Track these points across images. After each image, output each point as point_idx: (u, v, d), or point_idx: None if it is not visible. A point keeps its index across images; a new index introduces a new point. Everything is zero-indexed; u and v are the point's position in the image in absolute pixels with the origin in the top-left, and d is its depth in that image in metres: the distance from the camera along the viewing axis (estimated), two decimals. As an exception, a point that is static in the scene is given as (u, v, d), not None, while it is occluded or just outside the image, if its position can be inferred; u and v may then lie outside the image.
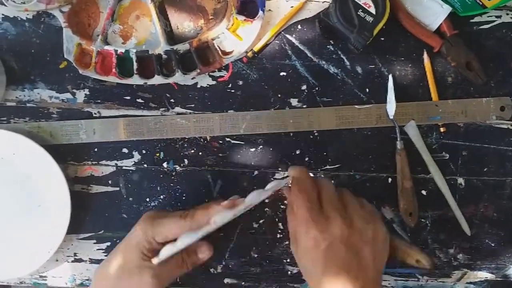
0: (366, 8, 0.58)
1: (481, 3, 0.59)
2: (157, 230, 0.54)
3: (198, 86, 0.64)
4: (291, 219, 0.52)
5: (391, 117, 0.62)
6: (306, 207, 0.49)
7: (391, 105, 0.62)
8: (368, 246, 0.49)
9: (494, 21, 0.63)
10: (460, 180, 0.65)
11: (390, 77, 0.63)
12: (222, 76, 0.64)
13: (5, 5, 0.59)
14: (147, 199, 0.65)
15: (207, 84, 0.64)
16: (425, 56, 0.63)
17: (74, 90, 0.64)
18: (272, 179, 0.64)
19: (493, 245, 0.65)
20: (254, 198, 0.51)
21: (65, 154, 0.64)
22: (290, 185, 0.53)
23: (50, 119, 0.64)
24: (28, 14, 0.62)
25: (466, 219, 0.64)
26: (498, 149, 0.65)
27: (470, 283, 0.66)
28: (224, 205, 0.53)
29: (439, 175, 0.64)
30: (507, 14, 0.63)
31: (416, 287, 0.66)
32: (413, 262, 0.56)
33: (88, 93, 0.64)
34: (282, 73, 0.64)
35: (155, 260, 0.53)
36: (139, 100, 0.64)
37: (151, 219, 0.55)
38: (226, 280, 0.66)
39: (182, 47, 0.62)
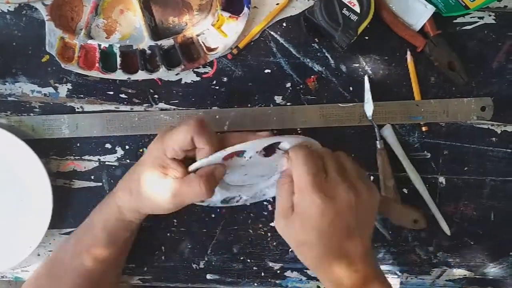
0: (351, 6, 0.58)
1: (464, 4, 0.59)
2: (166, 144, 0.51)
3: (182, 82, 0.64)
4: (286, 189, 0.50)
5: (369, 118, 0.63)
6: (312, 174, 0.47)
7: (368, 106, 0.63)
8: (370, 210, 0.51)
9: (477, 22, 0.64)
10: (441, 179, 0.66)
11: (366, 78, 0.63)
12: (207, 73, 0.64)
13: (-14, -3, 0.59)
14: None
15: (191, 80, 0.64)
16: (408, 55, 0.63)
17: (57, 84, 0.63)
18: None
19: (472, 243, 0.67)
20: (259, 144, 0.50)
21: (47, 149, 0.64)
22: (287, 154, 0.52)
23: (32, 113, 0.63)
24: (9, 6, 0.62)
25: (446, 218, 0.65)
26: (479, 148, 0.65)
27: (449, 280, 0.67)
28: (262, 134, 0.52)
29: (417, 177, 0.64)
30: (490, 15, 0.64)
31: (397, 284, 0.67)
32: (409, 223, 0.61)
33: (70, 87, 0.63)
34: (266, 70, 0.64)
35: (190, 168, 0.51)
36: (123, 96, 0.64)
37: (162, 135, 0.53)
38: (209, 276, 0.66)
39: (166, 42, 0.62)
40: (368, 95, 0.63)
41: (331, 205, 0.47)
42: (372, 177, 0.65)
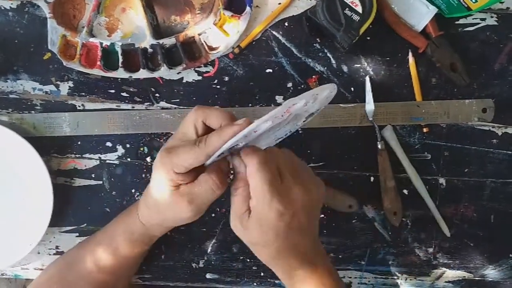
0: (353, 7, 0.58)
1: (466, 5, 0.59)
2: (174, 162, 0.50)
3: (184, 81, 0.64)
4: (241, 193, 0.50)
5: (370, 119, 0.63)
6: (268, 179, 0.47)
7: (369, 107, 0.63)
8: (318, 206, 0.53)
9: (479, 23, 0.64)
10: (442, 180, 0.66)
11: (367, 78, 0.63)
12: (208, 72, 0.64)
13: (-12, -6, 0.59)
14: (131, 193, 0.65)
15: (193, 79, 0.64)
16: (410, 56, 0.63)
17: (58, 82, 0.63)
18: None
19: (472, 245, 0.67)
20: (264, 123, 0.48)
21: (48, 147, 0.64)
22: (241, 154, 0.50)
23: (33, 111, 0.63)
24: (12, 4, 0.62)
25: (446, 219, 0.65)
26: (479, 150, 0.65)
27: (448, 282, 0.67)
28: (239, 123, 0.49)
29: (418, 178, 0.65)
30: (492, 17, 0.64)
31: (395, 285, 0.67)
32: (345, 208, 0.64)
33: (72, 85, 0.63)
34: (268, 70, 0.64)
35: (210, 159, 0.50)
36: (124, 94, 0.64)
37: (167, 152, 0.51)
38: (208, 275, 0.66)
39: (168, 41, 0.62)
40: (369, 96, 0.63)
41: (288, 208, 0.48)
42: (372, 178, 0.65)
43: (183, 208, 0.51)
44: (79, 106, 0.64)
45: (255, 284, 0.66)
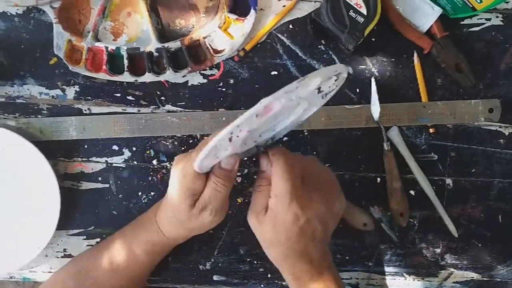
0: (358, 8, 0.58)
1: (471, 6, 0.59)
2: (189, 165, 0.50)
3: (189, 84, 0.64)
4: (263, 191, 0.51)
5: (376, 119, 0.63)
6: (291, 182, 0.48)
7: (375, 108, 0.63)
8: (335, 219, 0.53)
9: (484, 23, 0.64)
10: (448, 181, 0.65)
11: (373, 80, 0.63)
12: (213, 75, 0.64)
13: (-6, 0, 0.59)
14: (137, 196, 0.65)
15: (198, 82, 0.64)
16: (415, 57, 0.63)
17: (64, 87, 0.63)
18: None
19: (479, 245, 0.66)
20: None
21: (55, 151, 0.64)
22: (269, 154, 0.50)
23: (40, 115, 0.64)
24: (18, 9, 0.62)
25: (453, 219, 0.65)
26: (486, 150, 0.65)
27: (457, 282, 0.67)
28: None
29: (424, 179, 0.64)
30: (497, 17, 0.63)
31: (403, 286, 0.67)
32: (360, 226, 0.64)
33: (78, 89, 0.63)
34: (273, 72, 0.64)
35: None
36: (130, 98, 0.64)
37: (182, 160, 0.51)
38: (215, 277, 0.66)
39: (173, 45, 0.62)
40: (375, 97, 0.63)
41: (304, 213, 0.49)
42: (379, 179, 0.65)
43: (206, 218, 0.52)
44: (85, 110, 0.64)
45: (262, 286, 0.66)
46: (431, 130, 0.64)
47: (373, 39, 0.63)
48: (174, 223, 0.55)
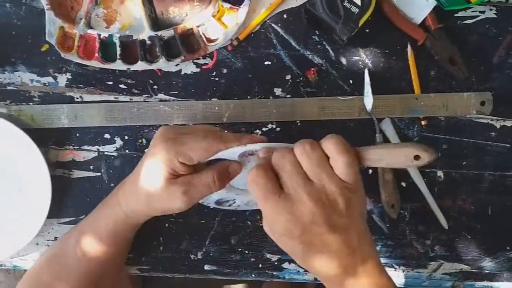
0: (352, -1, 0.58)
1: (465, -2, 0.59)
2: (180, 150, 0.50)
3: (182, 73, 0.64)
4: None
5: (369, 111, 0.63)
6: (263, 195, 0.45)
7: (368, 99, 0.63)
8: (342, 217, 0.45)
9: (478, 16, 0.64)
10: (440, 173, 0.66)
11: (366, 71, 0.63)
12: (207, 64, 0.64)
13: (-15, -15, 0.58)
14: (129, 185, 0.65)
15: (191, 71, 0.64)
16: (409, 49, 0.63)
17: (56, 74, 0.63)
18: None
19: (469, 237, 0.67)
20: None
21: (46, 139, 0.64)
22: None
23: (31, 103, 0.63)
24: (9, -5, 0.61)
25: (444, 211, 0.66)
26: (478, 143, 0.65)
27: (446, 274, 0.68)
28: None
29: (416, 171, 0.65)
30: (491, 9, 0.63)
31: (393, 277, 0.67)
32: (409, 162, 0.46)
33: (70, 77, 0.63)
34: (266, 62, 0.64)
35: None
36: (122, 86, 0.64)
37: (173, 139, 0.51)
38: (206, 267, 0.66)
39: (166, 33, 0.61)
40: (368, 88, 0.63)
41: (295, 221, 0.45)
42: (370, 170, 0.65)
43: (177, 198, 0.51)
44: (77, 98, 0.63)
45: (253, 275, 0.67)
46: (423, 122, 0.65)
47: (367, 30, 0.63)
48: (139, 197, 0.53)
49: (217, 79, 0.64)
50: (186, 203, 0.52)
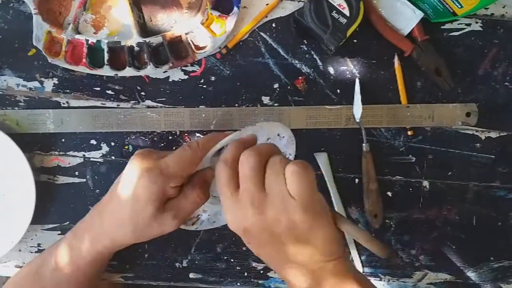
0: (340, 9, 0.58)
1: (452, 11, 0.60)
2: (167, 175, 0.49)
3: (170, 80, 0.64)
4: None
5: (358, 120, 0.63)
6: (220, 188, 0.47)
7: (357, 108, 0.63)
8: (289, 230, 0.45)
9: (464, 28, 0.65)
10: (425, 183, 0.66)
11: (357, 80, 0.63)
12: (195, 71, 0.64)
13: (-28, -11, 0.58)
14: (115, 192, 0.64)
15: (179, 79, 0.64)
16: (396, 59, 0.64)
17: (43, 79, 0.62)
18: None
19: (454, 247, 0.67)
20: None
21: (31, 144, 0.63)
22: None
23: (17, 107, 0.63)
24: (-4, -1, 0.61)
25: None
26: (463, 154, 0.66)
27: (431, 283, 0.68)
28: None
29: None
30: (476, 22, 0.64)
31: (379, 286, 0.67)
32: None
33: (57, 82, 0.63)
34: (255, 71, 0.64)
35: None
36: (109, 92, 0.63)
37: (155, 168, 0.50)
38: (191, 275, 0.66)
39: (155, 40, 0.61)
40: (357, 98, 0.63)
41: (247, 235, 0.48)
42: (357, 180, 0.65)
43: (168, 224, 0.51)
44: (63, 103, 0.63)
45: (238, 284, 0.66)
46: (409, 133, 0.65)
47: (355, 41, 0.64)
48: (127, 227, 0.51)
49: (205, 86, 0.64)
50: (178, 224, 0.52)
